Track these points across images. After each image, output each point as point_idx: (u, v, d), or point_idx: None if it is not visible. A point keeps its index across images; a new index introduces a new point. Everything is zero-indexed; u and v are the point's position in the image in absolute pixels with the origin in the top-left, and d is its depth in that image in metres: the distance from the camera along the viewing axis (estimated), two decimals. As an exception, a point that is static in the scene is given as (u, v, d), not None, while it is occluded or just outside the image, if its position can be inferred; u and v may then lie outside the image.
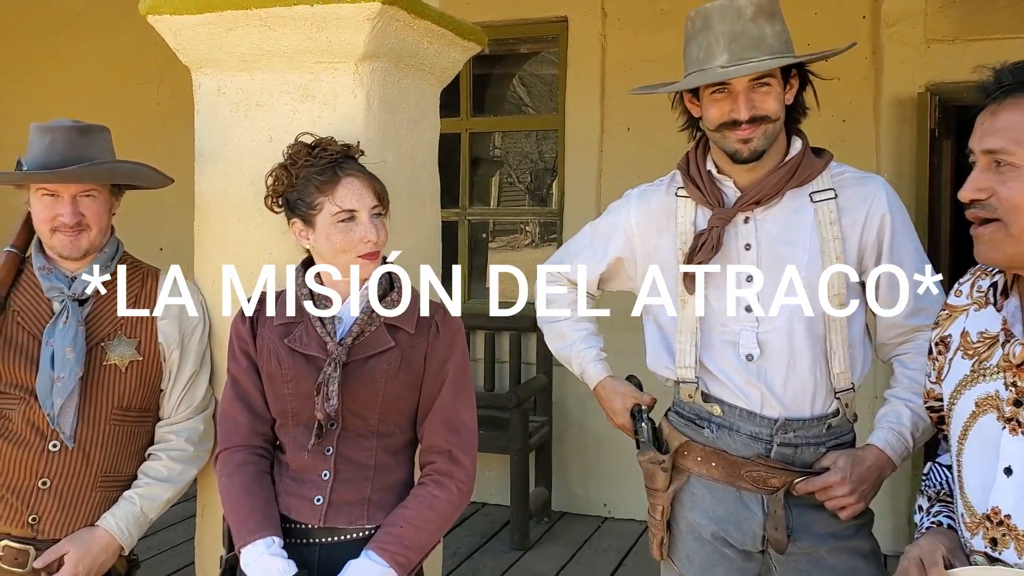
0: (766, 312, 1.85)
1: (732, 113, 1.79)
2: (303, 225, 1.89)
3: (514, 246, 5.88)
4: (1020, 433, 1.36)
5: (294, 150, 1.92)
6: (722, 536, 1.89)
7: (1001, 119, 1.35)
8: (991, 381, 1.41)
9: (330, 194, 1.84)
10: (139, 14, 2.25)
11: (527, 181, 5.95)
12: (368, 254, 1.85)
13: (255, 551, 1.76)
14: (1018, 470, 1.36)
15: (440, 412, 1.87)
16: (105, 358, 2.06)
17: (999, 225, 1.35)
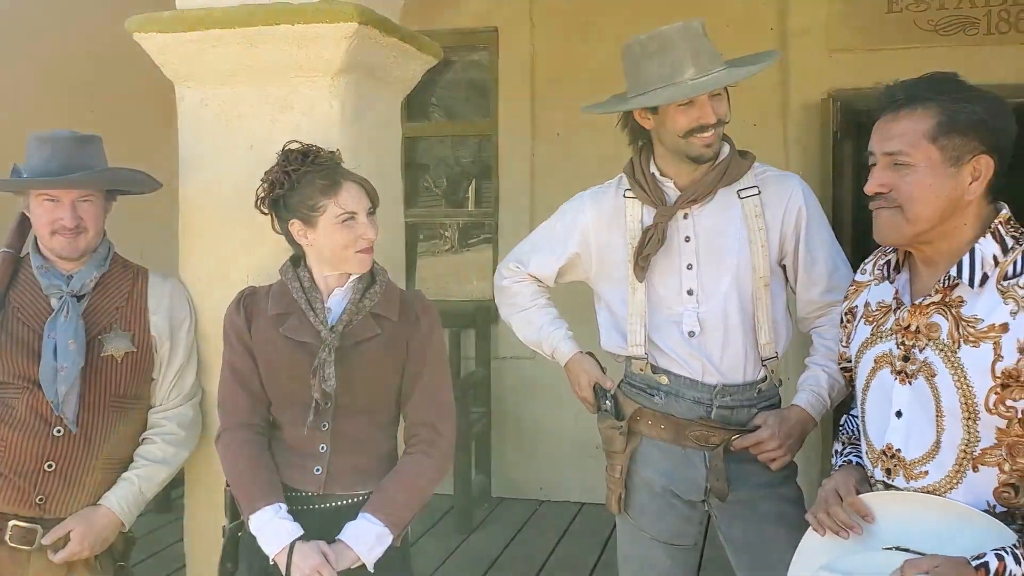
0: (705, 295, 2.14)
1: (700, 119, 2.04)
2: (303, 225, 2.05)
3: (435, 251, 6.07)
4: (907, 383, 1.65)
5: (291, 156, 2.08)
6: (670, 489, 2.17)
7: (898, 127, 1.62)
8: (886, 341, 1.71)
9: (334, 197, 2.02)
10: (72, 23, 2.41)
11: (443, 186, 6.14)
12: (365, 249, 2.05)
13: (265, 516, 1.96)
14: (906, 412, 1.66)
15: (423, 390, 2.10)
16: (103, 349, 2.22)
17: (898, 211, 1.62)
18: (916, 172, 1.60)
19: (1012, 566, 1.42)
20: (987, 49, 4.56)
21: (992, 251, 1.60)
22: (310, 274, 2.10)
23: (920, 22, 4.66)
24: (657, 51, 2.06)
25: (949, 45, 4.62)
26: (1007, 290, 1.57)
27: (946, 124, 1.59)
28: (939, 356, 1.61)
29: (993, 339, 1.55)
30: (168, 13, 2.35)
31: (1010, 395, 1.54)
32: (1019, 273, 1.57)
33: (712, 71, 2.03)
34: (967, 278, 1.59)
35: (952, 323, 1.61)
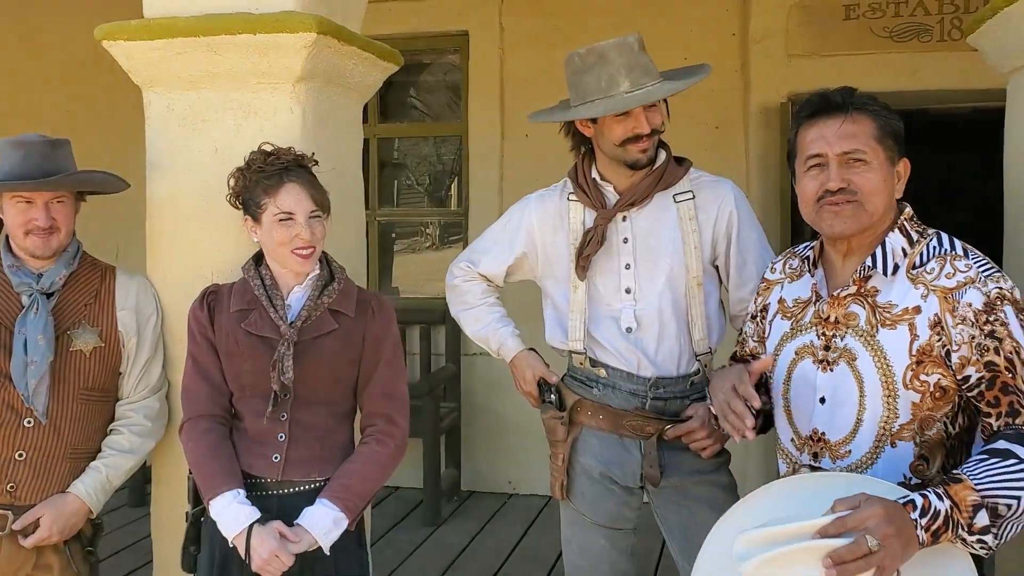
0: (641, 293, 2.27)
1: (635, 129, 2.17)
2: (253, 222, 2.19)
3: (415, 248, 6.17)
4: (828, 370, 1.79)
5: (252, 156, 2.21)
6: (608, 475, 2.30)
7: (849, 129, 1.75)
8: (806, 334, 1.85)
9: (274, 196, 2.14)
10: (51, 25, 2.50)
11: (426, 183, 6.24)
12: (302, 252, 2.14)
13: (224, 501, 2.07)
14: (828, 398, 1.79)
15: (378, 383, 2.21)
16: (71, 344, 2.32)
17: (857, 204, 1.75)
18: (872, 169, 1.75)
19: (936, 502, 1.50)
20: (940, 55, 4.70)
21: (900, 244, 1.77)
22: (271, 272, 2.21)
23: (876, 29, 4.80)
24: (595, 64, 2.18)
25: (903, 51, 4.76)
26: (916, 277, 1.73)
27: (883, 129, 1.77)
28: (859, 341, 1.75)
29: (908, 321, 1.71)
30: (135, 22, 2.46)
31: (923, 370, 1.69)
32: (925, 263, 1.74)
33: (645, 85, 2.16)
34: (881, 267, 1.75)
35: (869, 310, 1.76)
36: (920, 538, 1.49)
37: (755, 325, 2.02)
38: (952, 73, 4.62)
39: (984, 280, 1.67)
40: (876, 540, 1.45)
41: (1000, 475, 1.54)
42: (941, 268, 1.72)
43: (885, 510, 1.48)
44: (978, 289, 1.66)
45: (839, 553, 1.45)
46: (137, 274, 2.52)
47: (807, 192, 1.80)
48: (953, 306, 1.67)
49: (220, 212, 2.39)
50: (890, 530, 1.46)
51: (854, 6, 4.81)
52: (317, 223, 2.17)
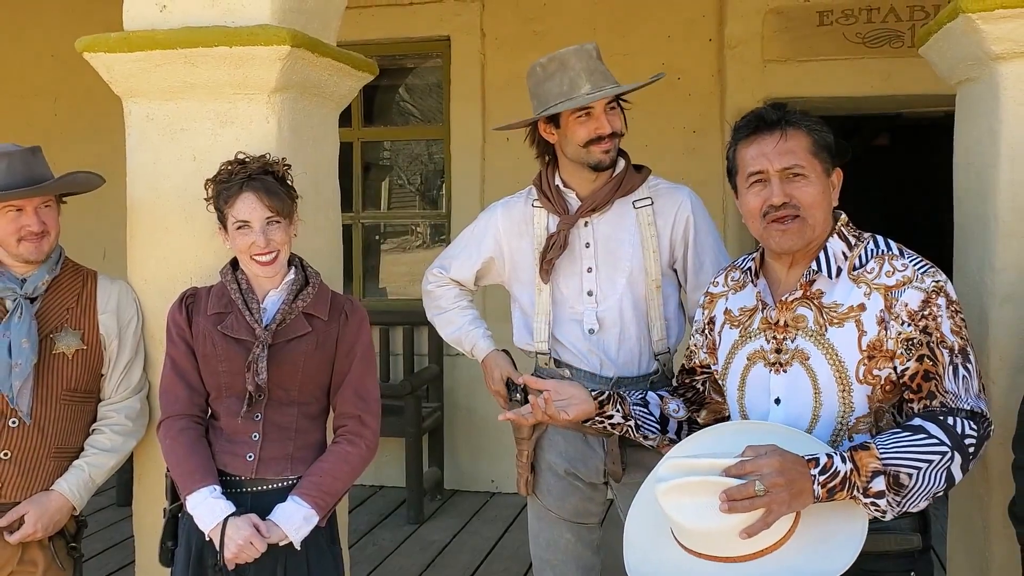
0: (603, 295, 2.36)
1: (598, 130, 2.28)
2: (223, 231, 2.28)
3: (405, 247, 6.24)
4: (781, 372, 1.88)
5: (220, 168, 2.29)
6: (573, 472, 2.39)
7: (786, 145, 1.83)
8: (755, 340, 1.93)
9: (232, 207, 2.22)
10: (35, 29, 2.57)
11: (417, 183, 6.31)
12: (260, 257, 2.21)
13: (200, 496, 2.15)
14: (783, 398, 1.88)
15: (350, 384, 2.29)
16: (54, 347, 2.40)
17: (801, 220, 1.84)
18: (811, 183, 1.83)
19: (838, 464, 1.66)
20: (912, 61, 4.76)
21: (840, 248, 1.87)
22: (246, 276, 2.30)
23: (849, 35, 4.90)
24: (556, 71, 2.28)
25: (876, 57, 4.86)
26: (858, 278, 1.83)
27: (817, 142, 1.85)
28: (810, 341, 1.84)
29: (854, 318, 1.80)
30: (115, 35, 2.53)
31: (876, 365, 1.79)
32: (864, 264, 1.84)
33: (605, 87, 2.25)
34: (825, 271, 1.84)
35: (816, 311, 1.85)
36: (815, 492, 1.65)
37: (703, 338, 2.10)
38: (924, 78, 4.68)
39: (920, 277, 1.78)
40: (763, 486, 1.61)
41: (906, 447, 1.68)
42: (880, 267, 1.82)
43: (781, 462, 1.64)
44: (916, 288, 1.76)
45: (731, 491, 1.62)
46: (118, 278, 2.60)
47: (751, 207, 1.88)
48: (891, 304, 1.77)
49: (198, 218, 2.47)
50: (780, 480, 1.62)
51: (828, 12, 4.91)
52: (275, 229, 2.22)
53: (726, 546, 1.66)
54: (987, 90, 2.17)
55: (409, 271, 6.31)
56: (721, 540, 1.65)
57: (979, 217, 2.22)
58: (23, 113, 5.85)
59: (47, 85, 5.85)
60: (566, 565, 2.43)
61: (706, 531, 1.65)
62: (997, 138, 2.12)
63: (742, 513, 1.62)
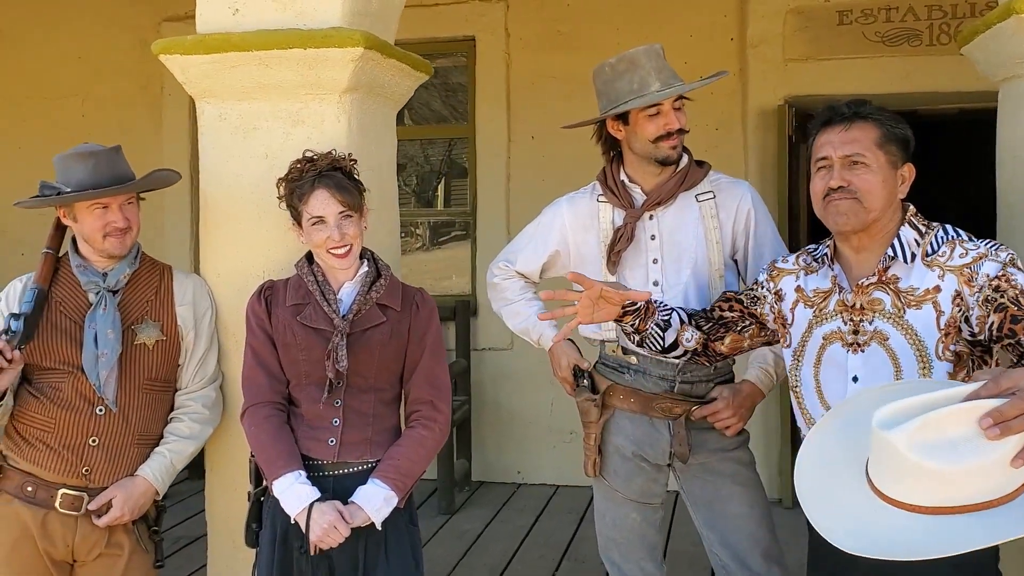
0: (668, 285, 2.46)
1: (667, 127, 2.38)
2: (297, 227, 2.37)
3: (406, 249, 6.32)
4: (859, 351, 2.00)
5: (291, 167, 2.38)
6: (639, 454, 2.50)
7: (851, 135, 1.98)
8: (832, 321, 2.05)
9: (305, 204, 2.31)
10: (63, 30, 2.62)
11: (413, 184, 6.40)
12: (337, 252, 2.30)
13: (287, 481, 2.24)
14: (861, 376, 1.99)
15: (423, 371, 2.39)
16: (135, 338, 2.49)
17: (856, 201, 1.97)
18: (871, 171, 1.96)
19: None
20: (930, 59, 4.92)
21: (912, 236, 1.99)
22: (321, 269, 2.39)
23: (868, 34, 5.02)
24: (626, 70, 2.39)
25: (895, 55, 4.98)
26: (932, 262, 1.95)
27: (887, 136, 1.99)
28: (888, 323, 1.96)
29: (931, 300, 1.92)
30: (191, 37, 2.62)
31: (951, 342, 1.91)
32: (936, 250, 1.96)
33: (674, 85, 2.37)
34: (902, 256, 1.96)
35: (893, 296, 1.97)
36: None
37: (770, 295, 2.21)
38: (941, 76, 4.84)
39: (995, 252, 1.90)
40: None
41: None
42: (952, 250, 1.94)
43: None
44: (992, 260, 1.89)
45: (1001, 411, 1.44)
46: (192, 272, 2.70)
47: (816, 190, 2.04)
48: (970, 277, 1.89)
49: (270, 214, 2.56)
50: None
51: (847, 12, 5.02)
52: (348, 223, 2.31)
53: (988, 484, 1.44)
54: (1035, 87, 2.28)
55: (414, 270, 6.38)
56: (983, 478, 1.44)
57: (1026, 208, 2.33)
58: (51, 114, 5.92)
59: (75, 87, 5.92)
60: (631, 543, 2.54)
61: (973, 469, 1.42)
62: (1046, 132, 2.23)
63: (1015, 436, 1.42)
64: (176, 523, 4.40)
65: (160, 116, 5.71)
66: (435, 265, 6.19)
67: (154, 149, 5.48)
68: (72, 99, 5.95)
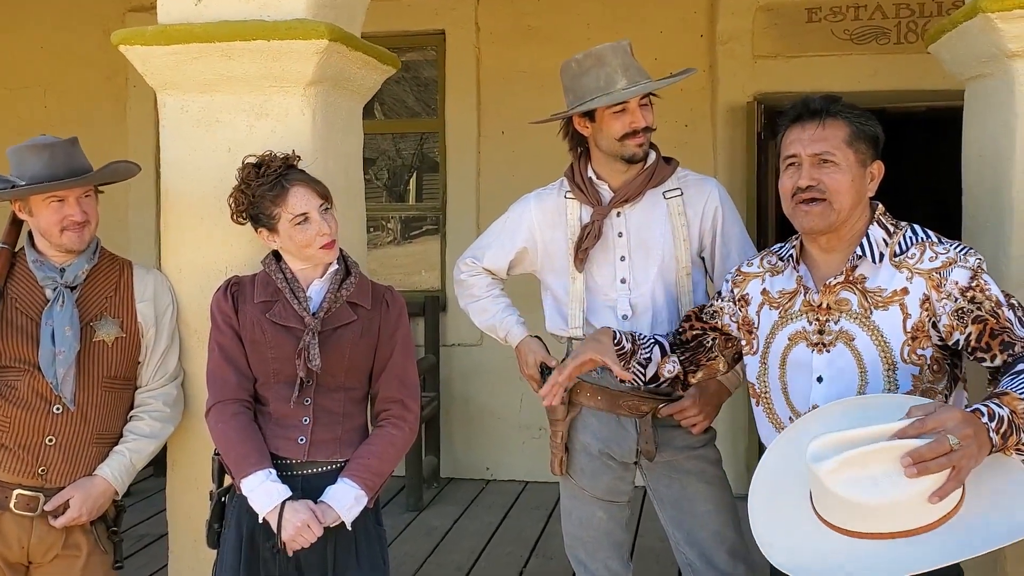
0: (635, 283, 2.45)
1: (632, 125, 2.36)
2: (269, 233, 2.31)
3: (376, 243, 6.28)
4: (824, 352, 1.98)
5: (244, 173, 2.33)
6: (606, 452, 2.49)
7: (822, 133, 1.96)
8: (797, 321, 2.04)
9: (283, 205, 2.27)
10: (25, 19, 2.55)
11: (384, 179, 6.36)
12: (326, 245, 2.29)
13: (257, 479, 2.20)
14: (826, 377, 1.98)
15: (393, 370, 2.36)
16: (94, 335, 2.44)
17: (826, 203, 1.95)
18: (840, 170, 1.94)
19: (997, 410, 1.65)
20: (898, 57, 4.96)
21: (881, 235, 1.97)
22: (290, 267, 2.35)
23: (837, 31, 5.04)
24: (593, 66, 2.37)
25: (863, 53, 5.01)
26: (900, 263, 1.94)
27: (856, 133, 1.96)
28: (855, 323, 1.95)
29: (898, 302, 1.91)
30: (152, 28, 2.57)
31: (919, 345, 1.90)
32: (905, 251, 1.95)
33: (640, 82, 2.35)
34: (870, 256, 1.94)
35: (860, 296, 1.95)
36: (992, 440, 1.61)
37: (733, 306, 2.20)
38: (909, 74, 4.87)
39: (964, 257, 1.89)
40: (956, 439, 1.54)
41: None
42: (922, 253, 1.93)
43: (962, 413, 1.61)
44: (961, 267, 1.87)
45: (920, 452, 1.54)
46: (152, 268, 2.65)
47: (784, 188, 2.02)
48: (939, 283, 1.88)
49: (233, 209, 2.52)
50: (969, 431, 1.58)
51: (816, 9, 5.04)
52: (329, 215, 2.30)
53: (906, 518, 1.55)
54: (1002, 86, 2.29)
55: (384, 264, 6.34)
56: (903, 512, 1.54)
57: (993, 207, 2.34)
58: (13, 105, 5.81)
59: (37, 77, 5.81)
60: (598, 542, 2.53)
61: (891, 503, 1.53)
62: (1012, 132, 2.24)
63: (931, 475, 1.52)
64: (139, 521, 4.33)
65: (124, 108, 5.61)
66: (405, 260, 6.15)
67: (118, 141, 5.39)
68: (34, 90, 5.84)
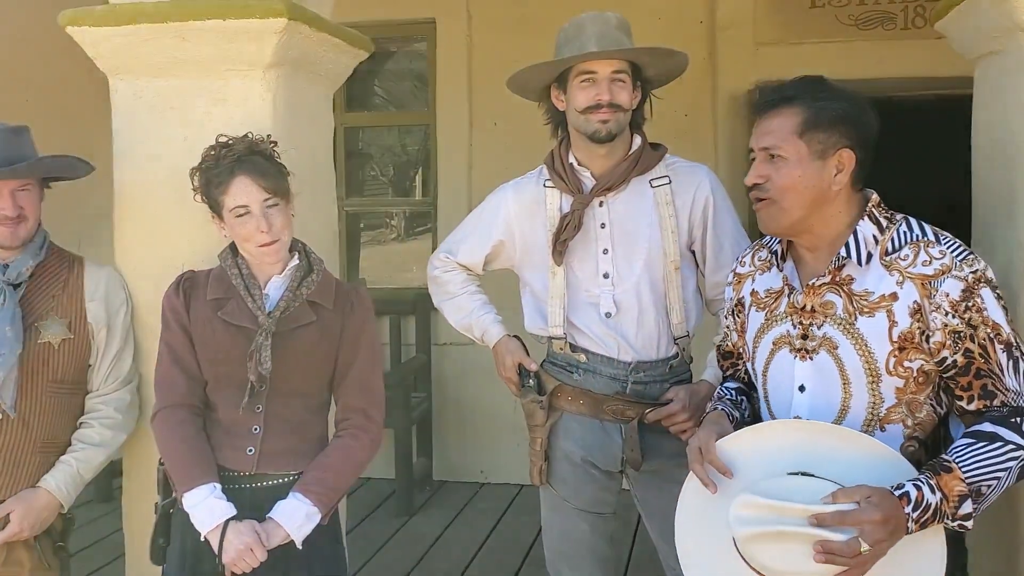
0: (620, 278, 2.27)
1: (597, 97, 2.19)
2: (219, 220, 2.16)
3: (380, 240, 6.13)
4: (808, 359, 1.80)
5: (205, 153, 2.17)
6: (590, 460, 2.31)
7: (770, 124, 1.77)
8: (781, 324, 1.85)
9: (226, 193, 2.10)
10: (5, 13, 2.42)
11: (390, 174, 6.21)
12: (265, 244, 2.10)
13: (200, 494, 2.04)
14: (808, 386, 1.80)
15: (355, 377, 2.19)
16: (40, 336, 2.28)
17: (771, 202, 1.76)
18: (788, 165, 1.74)
19: (928, 495, 1.59)
20: (904, 43, 4.76)
21: (871, 232, 1.76)
22: (247, 261, 2.18)
23: (841, 17, 4.85)
24: (574, 35, 2.23)
25: (868, 39, 4.82)
26: (891, 264, 1.73)
27: (811, 121, 1.74)
28: (838, 329, 1.76)
29: (885, 308, 1.72)
30: (100, 8, 2.41)
31: (906, 357, 1.71)
32: (898, 249, 1.74)
33: (608, 48, 2.20)
34: (855, 257, 1.74)
35: (846, 299, 1.76)
36: (909, 529, 1.58)
37: (734, 320, 2.03)
38: (916, 61, 4.68)
39: (960, 265, 1.69)
40: (868, 546, 1.55)
41: (988, 460, 1.62)
42: (916, 255, 1.72)
43: (883, 517, 1.56)
44: (955, 277, 1.68)
45: (831, 546, 1.56)
46: (106, 264, 2.48)
47: (748, 185, 1.83)
48: (931, 293, 1.69)
49: (191, 200, 2.33)
50: (883, 535, 1.56)
51: (820, -6, 4.85)
52: (275, 212, 2.11)
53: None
54: (1015, 62, 2.10)
55: (389, 261, 6.20)
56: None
57: (1006, 192, 2.15)
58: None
59: (17, 71, 5.66)
60: (581, 556, 2.35)
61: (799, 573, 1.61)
62: (1027, 111, 2.06)
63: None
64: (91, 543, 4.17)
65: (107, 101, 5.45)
66: (400, 257, 6.00)
67: (100, 135, 5.22)
68: (15, 83, 5.69)
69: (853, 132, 1.76)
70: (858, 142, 1.76)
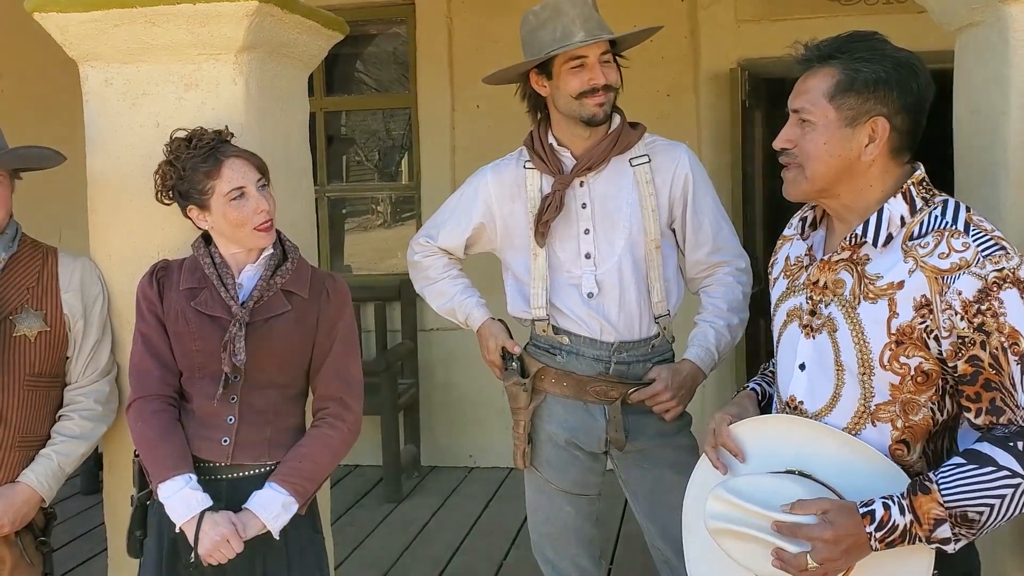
0: (601, 257, 2.25)
1: (591, 81, 2.16)
2: (199, 211, 2.11)
3: (366, 227, 6.09)
4: (811, 337, 1.70)
5: (174, 146, 2.13)
6: (573, 441, 2.30)
7: (805, 84, 1.62)
8: (798, 296, 1.74)
9: (218, 177, 2.06)
10: None
11: (375, 159, 6.17)
12: (263, 225, 2.09)
13: (175, 486, 2.01)
14: (808, 365, 1.69)
15: (332, 365, 2.16)
16: (15, 330, 2.24)
17: (799, 169, 1.63)
18: (815, 130, 1.61)
19: (896, 516, 1.49)
20: (885, 17, 4.72)
21: (900, 211, 1.60)
22: (219, 250, 2.15)
23: (823, -8, 4.82)
24: (549, 19, 2.17)
25: (850, 14, 4.77)
26: (910, 250, 1.57)
27: (844, 84, 1.58)
28: (841, 311, 1.63)
29: (888, 296, 1.58)
30: (67, -7, 2.36)
31: (904, 352, 1.57)
32: (924, 234, 1.57)
33: (600, 36, 2.15)
34: (871, 237, 1.60)
35: (856, 279, 1.62)
36: (872, 546, 1.53)
37: (775, 283, 1.90)
38: (898, 35, 4.57)
39: (982, 262, 1.51)
40: (816, 563, 1.54)
41: (975, 485, 1.49)
42: (936, 244, 1.56)
43: (835, 536, 1.52)
44: (973, 275, 1.51)
45: (784, 556, 1.57)
46: (81, 255, 2.45)
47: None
48: (942, 289, 1.53)
49: (165, 188, 2.32)
50: (833, 554, 1.52)
51: (801, -31, 4.81)
52: (267, 192, 2.11)
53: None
54: (994, 34, 2.08)
55: (375, 247, 6.17)
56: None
57: (986, 167, 2.14)
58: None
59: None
60: (566, 538, 2.34)
61: (757, 571, 1.65)
62: (1007, 84, 2.03)
63: None
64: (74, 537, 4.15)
65: (81, 89, 5.39)
66: (385, 243, 5.97)
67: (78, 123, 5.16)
68: (-11, 74, 5.63)
69: (892, 99, 1.58)
70: (898, 109, 1.59)
